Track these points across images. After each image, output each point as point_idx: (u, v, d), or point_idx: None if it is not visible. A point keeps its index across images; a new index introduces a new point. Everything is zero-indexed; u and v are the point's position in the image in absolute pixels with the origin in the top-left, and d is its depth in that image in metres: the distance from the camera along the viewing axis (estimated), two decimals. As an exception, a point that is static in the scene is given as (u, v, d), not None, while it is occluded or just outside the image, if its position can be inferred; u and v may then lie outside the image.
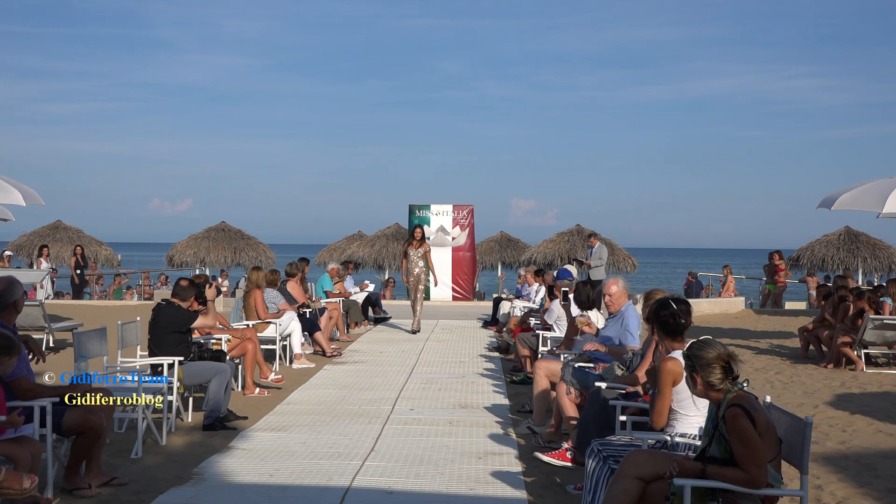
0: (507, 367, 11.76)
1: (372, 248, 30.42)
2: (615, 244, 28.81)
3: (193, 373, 7.88)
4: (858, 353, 12.00)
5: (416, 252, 15.67)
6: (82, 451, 5.67)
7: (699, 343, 4.39)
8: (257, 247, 29.81)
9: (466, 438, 7.52)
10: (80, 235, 29.66)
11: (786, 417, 4.53)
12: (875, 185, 13.91)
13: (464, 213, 24.91)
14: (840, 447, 7.29)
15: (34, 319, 12.14)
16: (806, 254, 27.49)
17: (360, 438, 7.46)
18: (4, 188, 13.45)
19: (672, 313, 5.38)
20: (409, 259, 15.73)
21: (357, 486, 6.00)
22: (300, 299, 13.20)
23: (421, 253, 15.68)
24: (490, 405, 9.11)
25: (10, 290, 5.81)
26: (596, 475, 4.82)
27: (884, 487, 6.08)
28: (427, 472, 6.37)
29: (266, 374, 10.08)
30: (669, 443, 5.10)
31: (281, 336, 11.45)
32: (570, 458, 6.49)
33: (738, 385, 4.23)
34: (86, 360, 6.98)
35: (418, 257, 15.66)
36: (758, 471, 4.04)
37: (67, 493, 5.59)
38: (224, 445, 7.14)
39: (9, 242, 28.65)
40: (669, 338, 5.38)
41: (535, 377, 7.89)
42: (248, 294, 11.42)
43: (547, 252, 28.53)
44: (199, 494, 5.75)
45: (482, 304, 23.23)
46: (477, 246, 28.30)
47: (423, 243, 15.80)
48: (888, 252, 26.96)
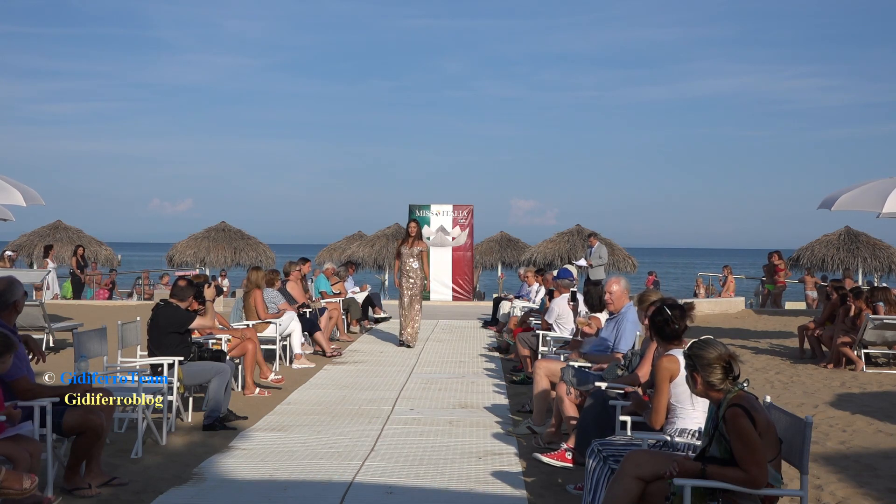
0: (507, 367, 11.76)
1: (372, 248, 30.41)
2: (615, 244, 28.80)
3: (193, 373, 7.88)
4: (858, 353, 12.01)
5: (410, 251, 13.70)
6: (82, 451, 5.67)
7: (700, 343, 4.39)
8: (257, 247, 29.79)
9: (466, 438, 7.52)
10: (80, 235, 29.64)
11: (786, 417, 4.53)
12: (875, 185, 13.91)
13: (464, 213, 24.92)
14: (840, 447, 7.28)
15: (34, 319, 12.14)
16: (806, 254, 27.48)
17: (360, 438, 7.46)
18: (4, 188, 13.44)
19: (666, 319, 5.40)
20: (403, 260, 13.82)
21: (357, 486, 6.00)
22: (300, 299, 13.20)
23: (416, 252, 13.72)
24: (490, 405, 9.11)
25: (10, 290, 5.81)
26: (596, 475, 4.82)
27: (884, 487, 6.08)
28: (427, 472, 6.37)
29: (266, 374, 10.08)
30: (669, 442, 5.10)
31: (281, 336, 11.45)
32: (569, 458, 6.49)
33: (738, 385, 4.23)
34: (86, 360, 6.98)
35: (413, 257, 13.72)
36: (758, 471, 4.04)
37: (67, 493, 5.58)
38: (224, 445, 7.14)
39: (9, 242, 28.65)
40: (666, 342, 5.40)
41: (535, 377, 7.90)
42: (248, 294, 11.42)
43: (547, 252, 28.51)
44: (199, 494, 5.75)
45: (482, 304, 23.23)
46: (477, 246, 28.30)
47: (419, 241, 13.82)
48: (888, 252, 26.95)
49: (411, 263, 13.64)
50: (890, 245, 27.19)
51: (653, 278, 30.91)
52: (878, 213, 13.47)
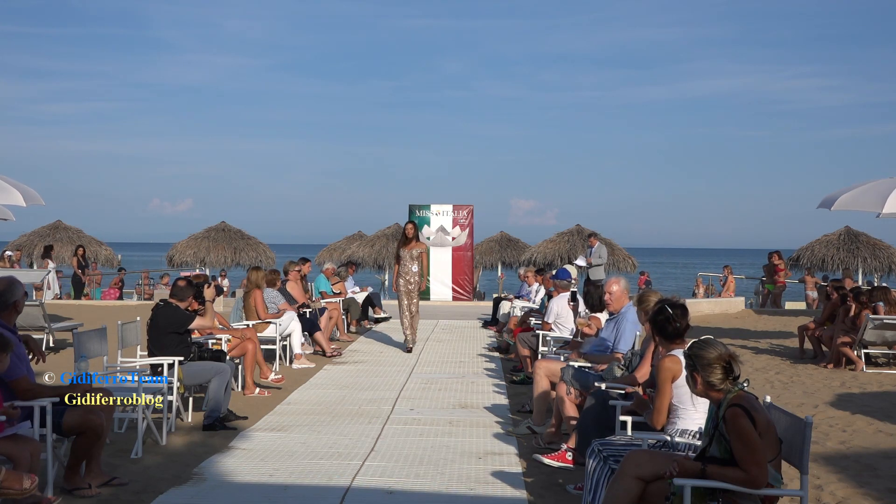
0: (507, 367, 11.76)
1: (372, 248, 30.41)
2: (615, 244, 28.80)
3: (193, 373, 7.88)
4: (858, 353, 12.00)
5: (409, 254, 13.20)
6: (82, 451, 5.67)
7: (700, 343, 4.38)
8: (257, 247, 29.79)
9: (466, 438, 7.52)
10: (80, 235, 29.64)
11: (786, 417, 4.53)
12: (875, 185, 13.90)
13: (464, 213, 24.91)
14: (840, 447, 7.28)
15: (34, 319, 12.14)
16: (806, 254, 27.48)
17: (360, 438, 7.46)
18: (4, 188, 13.43)
19: (667, 318, 5.39)
20: (402, 262, 13.28)
21: (357, 486, 6.00)
22: (300, 299, 13.20)
23: (416, 254, 13.24)
24: (490, 405, 9.11)
25: (10, 290, 5.81)
26: (596, 475, 4.82)
27: (884, 487, 6.08)
28: (427, 472, 6.37)
29: (266, 374, 10.08)
30: (670, 442, 5.10)
31: (281, 336, 11.45)
32: (569, 458, 6.48)
33: (738, 385, 4.23)
34: (86, 360, 6.98)
35: (412, 259, 13.21)
36: (758, 471, 4.04)
37: (67, 493, 5.58)
38: (224, 445, 7.14)
39: (9, 242, 28.64)
40: (667, 341, 5.40)
41: (535, 377, 7.90)
42: (248, 294, 11.42)
43: (547, 252, 28.50)
44: (199, 494, 5.75)
45: (482, 304, 23.22)
46: (477, 246, 28.29)
47: (418, 243, 13.39)
48: (888, 252, 26.95)
49: (410, 266, 13.17)
50: (890, 245, 27.19)
51: (644, 278, 30.94)
52: (878, 213, 13.47)
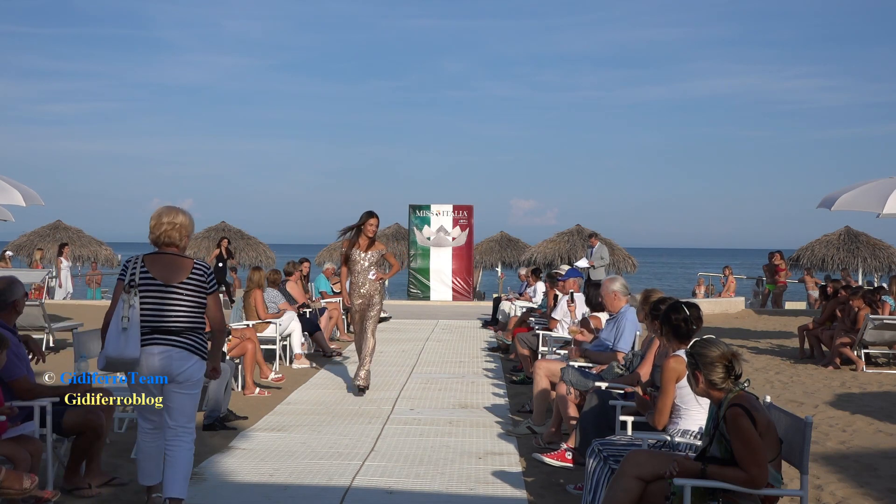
0: (507, 367, 11.76)
1: (372, 248, 30.37)
2: (615, 244, 28.81)
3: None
4: (858, 353, 12.00)
5: (364, 256, 9.57)
6: (82, 450, 5.67)
7: (703, 341, 4.39)
8: (257, 247, 29.82)
9: (466, 438, 7.52)
10: (80, 235, 29.65)
11: (786, 417, 4.53)
12: (875, 185, 13.90)
13: (464, 213, 24.92)
14: (840, 447, 7.29)
15: (34, 319, 12.14)
16: (806, 254, 27.49)
17: (360, 438, 7.45)
18: (4, 188, 13.43)
19: (685, 318, 5.39)
20: (353, 267, 9.64)
21: (357, 486, 6.00)
22: (300, 299, 13.21)
23: (375, 257, 9.60)
24: (490, 405, 9.11)
25: (10, 290, 5.80)
26: (596, 475, 4.82)
27: (884, 487, 6.08)
28: (427, 472, 6.37)
29: (266, 373, 10.08)
30: (670, 442, 5.10)
31: (281, 336, 11.45)
32: (569, 458, 6.49)
33: (739, 385, 4.23)
34: (86, 360, 6.97)
35: (368, 265, 9.57)
36: (758, 471, 4.04)
37: (67, 492, 5.58)
38: (224, 445, 7.14)
39: (9, 242, 28.64)
40: (677, 341, 5.39)
41: (535, 377, 7.89)
42: (248, 294, 11.42)
43: (547, 252, 28.52)
44: (199, 494, 5.74)
45: (482, 304, 23.23)
46: (477, 246, 28.29)
47: (378, 244, 9.70)
48: (888, 252, 26.96)
49: (366, 273, 9.56)
50: (890, 245, 27.21)
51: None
52: (878, 214, 13.47)
